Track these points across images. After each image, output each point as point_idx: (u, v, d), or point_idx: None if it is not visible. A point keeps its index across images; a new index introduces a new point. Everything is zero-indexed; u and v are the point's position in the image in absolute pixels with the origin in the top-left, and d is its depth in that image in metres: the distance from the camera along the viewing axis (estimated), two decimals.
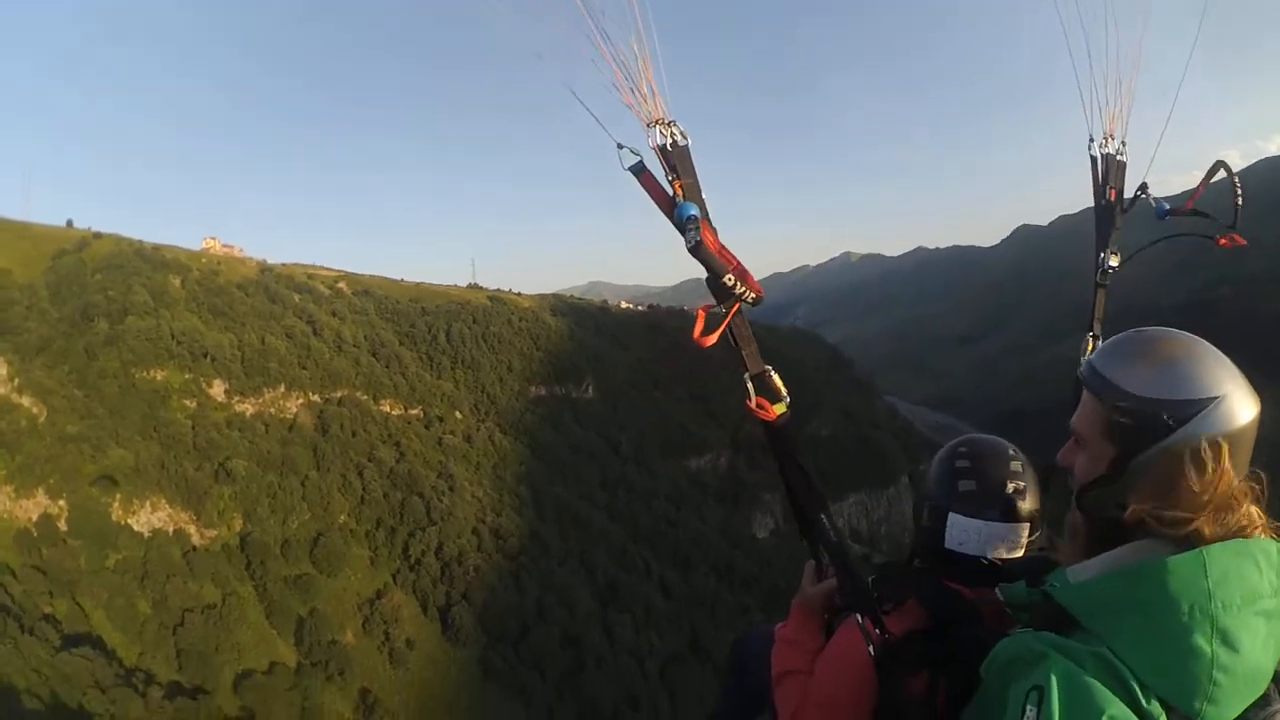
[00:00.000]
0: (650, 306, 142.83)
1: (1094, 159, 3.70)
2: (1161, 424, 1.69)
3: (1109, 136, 3.67)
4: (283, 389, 75.12)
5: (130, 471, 60.65)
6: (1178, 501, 1.65)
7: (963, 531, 2.45)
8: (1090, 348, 3.43)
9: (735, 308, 2.36)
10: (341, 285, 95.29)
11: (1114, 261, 3.67)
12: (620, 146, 2.36)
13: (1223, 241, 3.68)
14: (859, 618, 2.39)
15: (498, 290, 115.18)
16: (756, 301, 2.36)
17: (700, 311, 2.31)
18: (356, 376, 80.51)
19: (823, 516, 2.56)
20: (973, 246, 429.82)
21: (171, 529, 60.75)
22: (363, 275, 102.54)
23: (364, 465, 72.21)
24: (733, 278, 2.26)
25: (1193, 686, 1.50)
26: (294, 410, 75.11)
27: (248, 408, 72.19)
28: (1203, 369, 1.72)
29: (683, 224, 2.29)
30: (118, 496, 59.47)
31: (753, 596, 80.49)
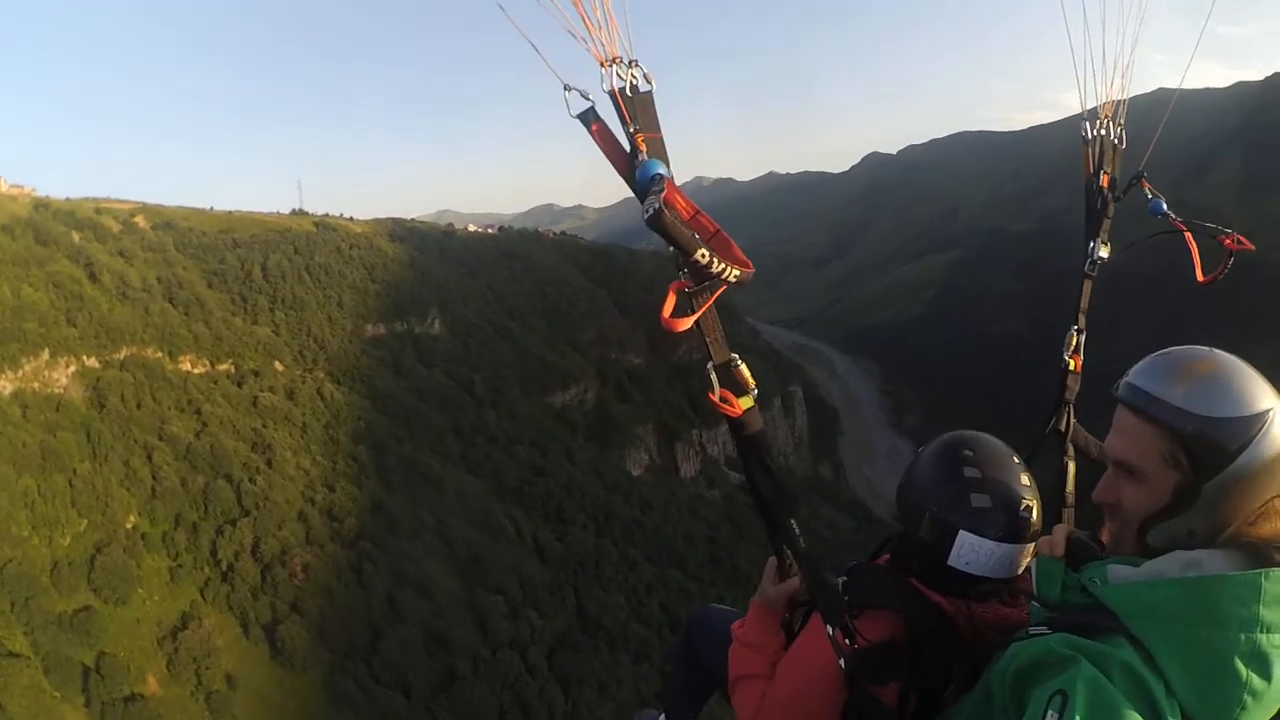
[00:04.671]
0: (501, 228, 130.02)
1: (1086, 141, 3.49)
2: (1235, 443, 1.68)
3: (1105, 117, 3.47)
4: (46, 356, 58.28)
5: None
6: (1252, 519, 1.70)
7: (973, 552, 2.25)
8: (1074, 342, 3.40)
9: (719, 292, 1.98)
10: (138, 219, 78.55)
11: (1104, 252, 3.49)
12: (568, 89, 1.90)
13: (1228, 242, 3.52)
14: (829, 629, 2.23)
15: (326, 215, 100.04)
16: (743, 279, 1.91)
17: (671, 289, 1.92)
18: (145, 330, 65.19)
19: (792, 522, 2.31)
20: (823, 173, 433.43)
21: None
22: (166, 207, 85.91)
23: (153, 446, 57.02)
24: (707, 253, 1.81)
25: (1221, 707, 1.53)
26: (64, 383, 58.66)
27: (3, 385, 55.09)
28: (1253, 383, 1.73)
29: (645, 186, 1.86)
30: None
31: (638, 547, 73.07)
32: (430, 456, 70.36)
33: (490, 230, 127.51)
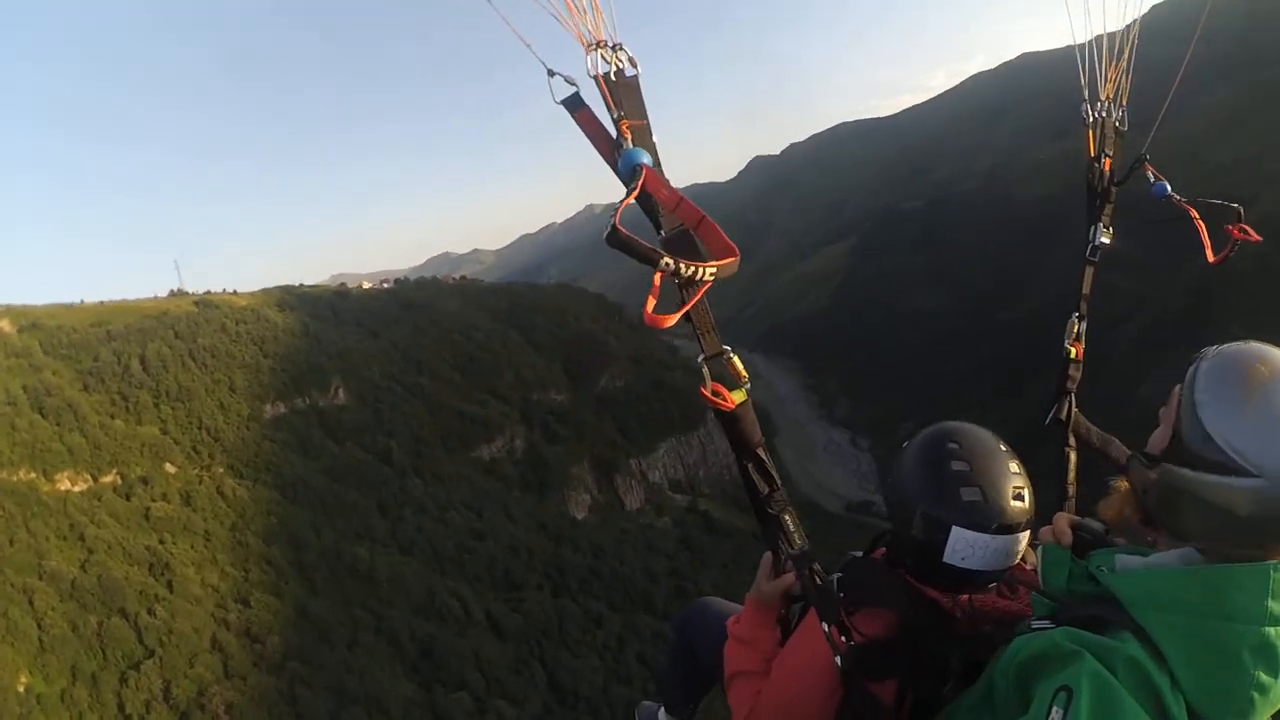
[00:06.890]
0: (396, 281, 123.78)
1: (1088, 124, 3.44)
2: None
3: (1107, 99, 3.44)
4: None
5: None
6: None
7: (968, 547, 2.18)
8: (1076, 329, 3.35)
9: (704, 289, 1.93)
10: (2, 324, 70.37)
11: (1105, 238, 3.46)
12: (552, 74, 1.88)
13: (1235, 232, 3.46)
14: (825, 626, 2.22)
15: (207, 293, 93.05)
16: (722, 274, 1.87)
17: (656, 280, 1.77)
18: (13, 450, 57.51)
19: (787, 518, 2.31)
20: (711, 182, 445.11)
21: None
22: (34, 306, 78.07)
23: (33, 588, 48.59)
24: (671, 261, 1.73)
25: (1228, 702, 1.53)
26: None
27: None
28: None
29: (626, 177, 1.86)
30: None
31: (599, 598, 68.00)
32: (356, 543, 63.42)
33: (386, 284, 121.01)
